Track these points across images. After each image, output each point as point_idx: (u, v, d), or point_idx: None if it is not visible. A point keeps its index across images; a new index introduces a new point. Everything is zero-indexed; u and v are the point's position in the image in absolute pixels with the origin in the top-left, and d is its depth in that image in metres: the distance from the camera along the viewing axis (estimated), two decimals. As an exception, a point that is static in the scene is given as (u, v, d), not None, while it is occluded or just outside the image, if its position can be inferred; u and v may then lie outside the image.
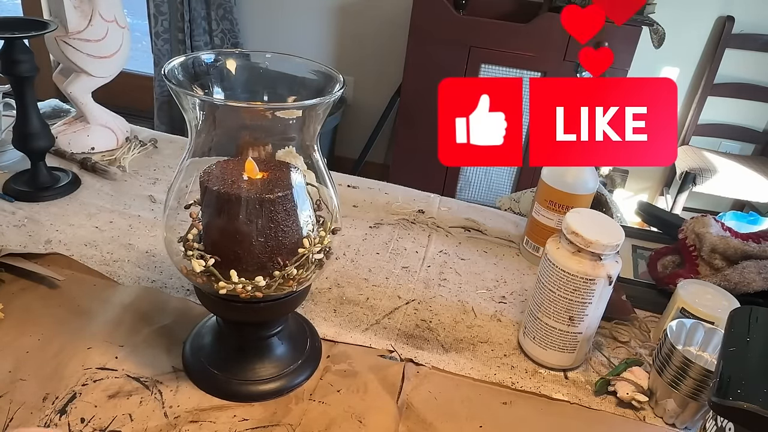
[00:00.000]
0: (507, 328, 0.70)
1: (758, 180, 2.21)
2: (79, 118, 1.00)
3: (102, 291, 0.67)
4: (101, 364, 0.57)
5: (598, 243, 0.57)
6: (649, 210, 0.93)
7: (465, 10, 2.28)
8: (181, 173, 0.52)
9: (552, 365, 0.64)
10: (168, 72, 0.49)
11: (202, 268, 0.49)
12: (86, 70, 0.94)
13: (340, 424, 0.54)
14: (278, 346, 0.59)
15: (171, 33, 2.60)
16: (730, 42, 2.27)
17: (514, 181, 2.38)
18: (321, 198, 0.55)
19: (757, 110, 2.38)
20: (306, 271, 0.52)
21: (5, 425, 0.50)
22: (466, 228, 0.91)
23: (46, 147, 0.84)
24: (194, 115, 0.49)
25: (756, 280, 0.70)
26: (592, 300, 0.59)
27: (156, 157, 1.00)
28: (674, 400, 0.57)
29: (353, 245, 0.83)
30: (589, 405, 0.60)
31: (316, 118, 0.52)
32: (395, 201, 0.96)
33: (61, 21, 0.89)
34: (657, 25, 2.03)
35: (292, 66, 0.56)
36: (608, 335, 0.70)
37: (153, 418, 0.52)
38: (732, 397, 0.40)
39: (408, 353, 0.64)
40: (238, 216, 0.49)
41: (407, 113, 2.32)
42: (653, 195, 2.66)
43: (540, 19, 2.09)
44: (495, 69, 2.18)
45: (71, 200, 0.85)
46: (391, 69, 2.56)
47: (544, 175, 0.79)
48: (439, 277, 0.78)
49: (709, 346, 0.61)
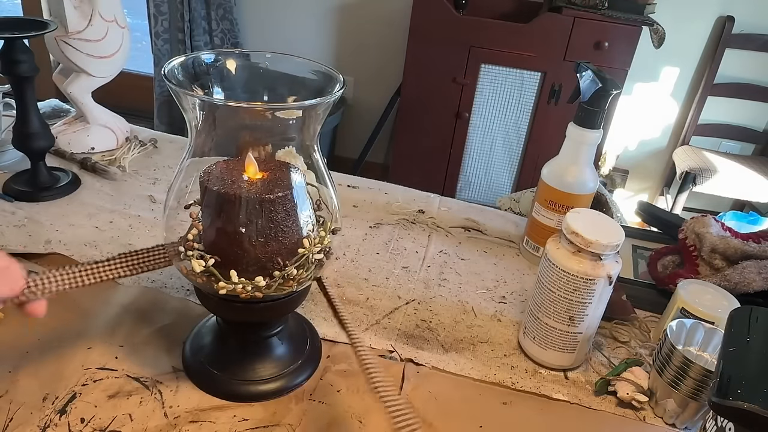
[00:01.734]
0: (507, 328, 0.70)
1: (758, 180, 2.21)
2: (79, 118, 1.00)
3: (102, 291, 0.67)
4: (101, 364, 0.57)
5: (598, 243, 0.57)
6: (649, 210, 0.93)
7: (465, 10, 2.28)
8: (181, 173, 0.52)
9: (552, 365, 0.64)
10: (168, 72, 0.49)
11: (202, 268, 0.49)
12: (86, 70, 0.94)
13: (340, 424, 0.54)
14: (278, 346, 0.59)
15: (171, 33, 2.60)
16: (730, 42, 2.27)
17: (514, 181, 2.38)
18: (321, 198, 0.55)
19: (757, 110, 2.38)
20: (306, 271, 0.52)
21: (5, 425, 0.50)
22: (466, 228, 0.91)
23: (46, 147, 0.84)
24: (194, 115, 0.49)
25: (756, 280, 0.70)
26: (592, 300, 0.59)
27: (156, 157, 1.00)
28: (674, 400, 0.57)
29: (353, 245, 0.83)
30: (589, 405, 0.60)
31: (316, 118, 0.52)
32: (395, 201, 0.96)
33: (61, 21, 0.89)
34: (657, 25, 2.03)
35: (292, 66, 0.56)
36: (608, 335, 0.70)
37: (153, 418, 0.52)
38: (732, 397, 0.40)
39: (408, 353, 0.64)
40: (238, 216, 0.49)
41: (407, 113, 2.32)
42: (653, 195, 2.66)
43: (540, 19, 2.10)
44: (495, 69, 2.18)
45: (71, 200, 0.85)
46: (391, 69, 2.56)
47: (544, 175, 0.79)
48: (439, 277, 0.78)
49: (709, 346, 0.61)
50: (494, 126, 2.29)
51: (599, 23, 2.04)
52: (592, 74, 0.74)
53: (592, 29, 2.05)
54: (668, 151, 2.55)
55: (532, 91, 2.19)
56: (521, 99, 2.21)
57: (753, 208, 2.46)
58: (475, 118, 2.28)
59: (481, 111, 2.26)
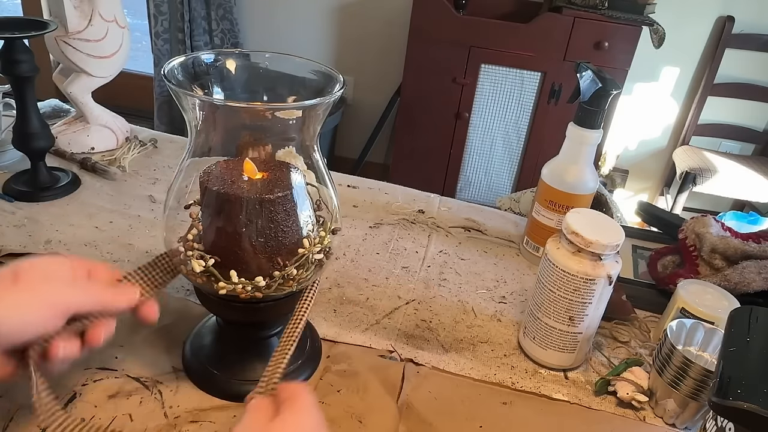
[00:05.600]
0: (507, 328, 0.70)
1: (758, 180, 2.21)
2: (79, 118, 1.00)
3: (102, 291, 0.67)
4: (101, 364, 0.57)
5: (598, 243, 0.57)
6: (649, 210, 0.93)
7: (465, 10, 2.28)
8: (181, 173, 0.52)
9: (552, 365, 0.64)
10: (168, 72, 0.49)
11: (202, 268, 0.49)
12: (86, 70, 0.94)
13: (340, 424, 0.54)
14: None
15: (171, 33, 2.61)
16: (730, 42, 2.27)
17: (514, 181, 2.39)
18: (321, 198, 0.55)
19: (757, 110, 2.39)
20: (306, 272, 0.52)
21: (5, 425, 0.50)
22: (466, 228, 0.91)
23: (46, 147, 0.84)
24: (194, 115, 0.49)
25: (756, 280, 0.70)
26: (592, 300, 0.59)
27: (156, 157, 1.00)
28: (674, 400, 0.57)
29: (353, 245, 0.83)
30: (589, 405, 0.60)
31: (316, 118, 0.52)
32: (395, 201, 0.96)
33: (61, 21, 0.89)
34: (657, 25, 2.04)
35: (292, 66, 0.56)
36: (608, 335, 0.70)
37: (153, 418, 0.52)
38: (732, 397, 0.40)
39: (408, 353, 0.64)
40: (238, 216, 0.49)
41: (407, 113, 2.32)
42: (653, 195, 2.66)
43: (540, 19, 2.10)
44: (495, 69, 2.18)
45: (71, 200, 0.85)
46: (391, 69, 2.56)
47: (544, 175, 0.79)
48: (439, 277, 0.78)
49: (709, 346, 0.61)
50: (494, 126, 2.29)
51: (599, 23, 2.04)
52: (592, 74, 0.74)
53: (592, 29, 2.05)
54: (668, 151, 2.55)
55: (532, 91, 2.19)
56: (521, 99, 2.22)
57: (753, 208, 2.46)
58: (475, 118, 2.28)
59: (481, 111, 2.26)
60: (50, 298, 0.41)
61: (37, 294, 0.41)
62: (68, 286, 0.44)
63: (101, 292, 0.45)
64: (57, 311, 0.42)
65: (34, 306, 0.41)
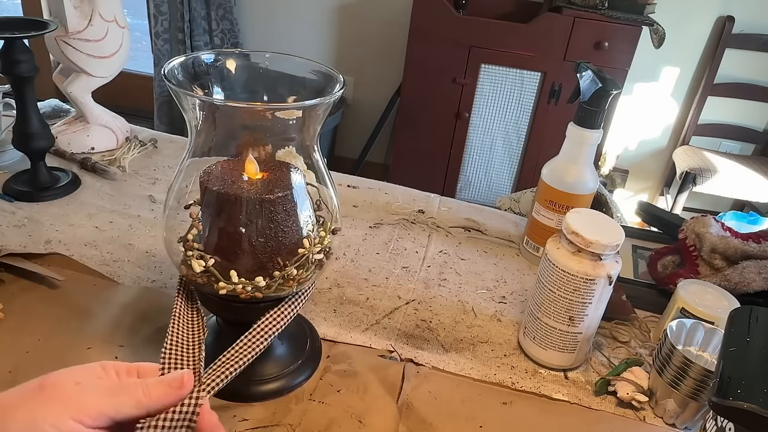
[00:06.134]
0: (507, 328, 0.70)
1: (758, 180, 2.21)
2: (79, 118, 1.00)
3: (102, 291, 0.67)
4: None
5: (598, 243, 0.57)
6: (649, 210, 0.93)
7: (465, 10, 2.28)
8: (181, 173, 0.52)
9: (552, 365, 0.64)
10: (168, 72, 0.49)
11: (202, 268, 0.49)
12: (86, 70, 0.94)
13: (340, 424, 0.54)
14: (278, 346, 0.59)
15: (171, 33, 2.61)
16: (730, 42, 2.27)
17: (514, 181, 2.39)
18: (321, 198, 0.55)
19: (757, 110, 2.39)
20: (306, 271, 0.52)
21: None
22: (466, 228, 0.91)
23: (46, 147, 0.84)
24: (194, 115, 0.49)
25: (756, 280, 0.70)
26: (592, 300, 0.59)
27: (156, 157, 1.00)
28: (674, 400, 0.57)
29: (353, 245, 0.83)
30: (589, 405, 0.60)
31: (316, 118, 0.52)
32: (395, 201, 0.96)
33: (61, 21, 0.89)
34: (657, 25, 2.04)
35: (292, 66, 0.56)
36: (608, 335, 0.70)
37: (153, 418, 0.52)
38: (732, 397, 0.40)
39: (408, 353, 0.64)
40: (237, 216, 0.49)
41: (407, 113, 2.32)
42: (653, 195, 2.66)
43: (540, 19, 2.10)
44: (495, 69, 2.18)
45: (71, 200, 0.85)
46: (391, 69, 2.56)
47: (544, 175, 0.79)
48: (439, 277, 0.78)
49: (709, 346, 0.61)
50: (494, 126, 2.29)
51: (599, 23, 2.04)
52: (592, 74, 0.74)
53: (592, 29, 2.05)
54: (668, 151, 2.55)
55: (532, 91, 2.19)
56: (521, 99, 2.22)
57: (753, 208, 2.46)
58: (475, 118, 2.28)
59: (481, 111, 2.26)
60: (81, 407, 0.35)
61: (66, 403, 0.35)
62: (103, 391, 0.36)
63: (146, 391, 0.38)
64: (91, 421, 0.35)
65: (62, 416, 0.34)
